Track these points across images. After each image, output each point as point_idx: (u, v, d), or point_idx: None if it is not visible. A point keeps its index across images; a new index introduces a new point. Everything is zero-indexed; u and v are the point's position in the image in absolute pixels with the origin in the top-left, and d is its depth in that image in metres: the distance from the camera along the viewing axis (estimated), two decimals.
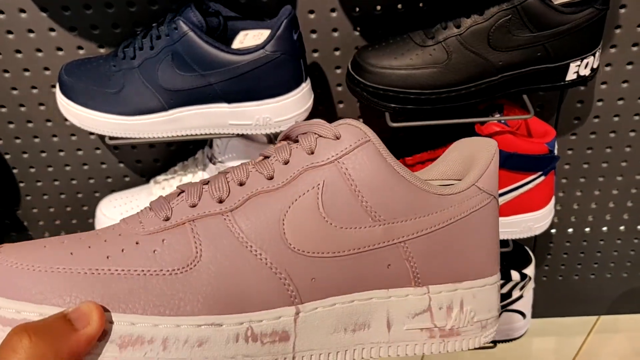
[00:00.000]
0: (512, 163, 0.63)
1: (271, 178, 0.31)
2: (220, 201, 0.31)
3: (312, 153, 0.32)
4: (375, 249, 0.31)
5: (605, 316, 1.07)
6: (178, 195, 0.32)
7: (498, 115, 0.64)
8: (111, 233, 0.30)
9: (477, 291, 0.34)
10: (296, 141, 0.33)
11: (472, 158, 0.36)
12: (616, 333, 1.14)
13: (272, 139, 0.67)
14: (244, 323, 0.29)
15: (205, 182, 0.32)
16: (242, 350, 0.29)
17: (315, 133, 0.32)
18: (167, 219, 0.30)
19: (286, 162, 0.32)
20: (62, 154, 0.74)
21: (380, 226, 0.31)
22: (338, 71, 0.67)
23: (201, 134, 0.59)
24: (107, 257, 0.28)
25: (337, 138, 0.32)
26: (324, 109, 0.69)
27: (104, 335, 0.26)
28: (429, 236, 0.32)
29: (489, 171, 0.35)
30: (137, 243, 0.29)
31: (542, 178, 0.66)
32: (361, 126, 0.32)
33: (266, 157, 0.33)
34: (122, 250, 0.29)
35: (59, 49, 0.65)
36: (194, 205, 0.31)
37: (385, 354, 0.32)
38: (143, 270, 0.28)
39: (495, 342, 0.81)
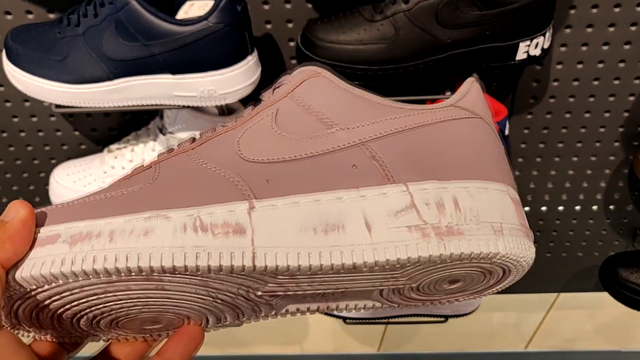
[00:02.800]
0: None
1: (232, 124, 0.33)
2: (192, 143, 0.33)
3: (269, 99, 0.34)
4: (335, 151, 0.31)
5: (565, 293, 1.09)
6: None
7: (449, 94, 0.64)
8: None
9: (475, 191, 0.30)
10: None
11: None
12: (576, 309, 1.17)
13: (223, 110, 0.66)
14: (193, 215, 0.28)
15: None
16: (191, 240, 0.27)
17: (274, 87, 0.34)
18: (142, 165, 0.32)
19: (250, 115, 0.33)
20: (15, 120, 0.73)
21: (337, 131, 0.31)
22: (291, 44, 0.66)
23: (147, 105, 0.59)
24: (87, 195, 0.31)
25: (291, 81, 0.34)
26: None
27: (57, 237, 0.27)
28: (396, 137, 0.31)
29: (469, 95, 0.34)
30: (113, 184, 0.32)
31: None
32: (315, 65, 0.33)
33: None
34: (99, 191, 0.31)
35: (7, 12, 0.64)
36: (170, 151, 0.33)
37: (371, 258, 0.28)
38: (105, 195, 0.30)
39: (446, 317, 0.82)
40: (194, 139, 0.33)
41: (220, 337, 1.27)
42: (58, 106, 0.60)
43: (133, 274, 0.27)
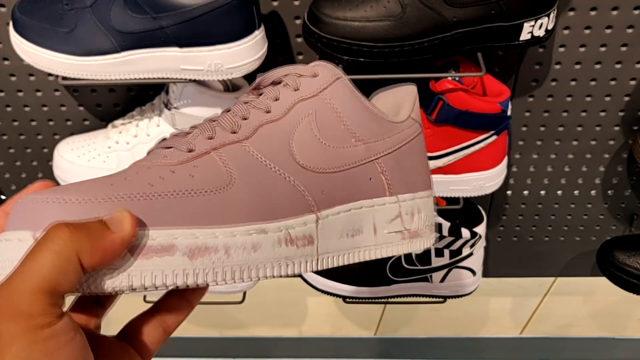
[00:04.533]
0: (464, 121, 0.64)
1: (269, 112, 0.36)
2: (234, 132, 0.35)
3: (297, 89, 0.37)
4: (359, 165, 0.38)
5: (562, 278, 1.10)
6: (188, 133, 0.35)
7: (453, 72, 0.64)
8: (139, 168, 0.32)
9: (426, 199, 0.41)
10: (276, 83, 0.38)
11: (399, 100, 0.43)
12: (572, 295, 1.18)
13: (228, 86, 0.67)
14: (282, 230, 0.33)
15: (212, 120, 0.36)
16: (284, 253, 0.33)
17: (296, 74, 0.38)
18: (191, 151, 0.33)
19: (277, 99, 0.37)
20: (20, 94, 0.73)
21: (361, 145, 0.38)
22: (297, 21, 0.66)
23: (154, 78, 0.59)
24: (150, 184, 0.30)
25: (315, 76, 0.38)
26: (282, 59, 0.69)
27: (173, 249, 0.29)
28: (393, 154, 0.39)
29: (416, 106, 0.43)
30: (172, 172, 0.32)
31: (494, 137, 0.67)
32: (332, 66, 0.38)
33: (247, 102, 0.37)
34: (161, 178, 0.31)
35: None
36: (211, 138, 0.34)
37: (374, 255, 0.38)
38: (187, 191, 0.31)
39: (445, 298, 0.83)
40: (233, 124, 0.36)
41: (219, 320, 1.28)
42: (65, 78, 0.60)
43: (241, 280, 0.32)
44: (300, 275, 0.84)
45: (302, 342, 1.33)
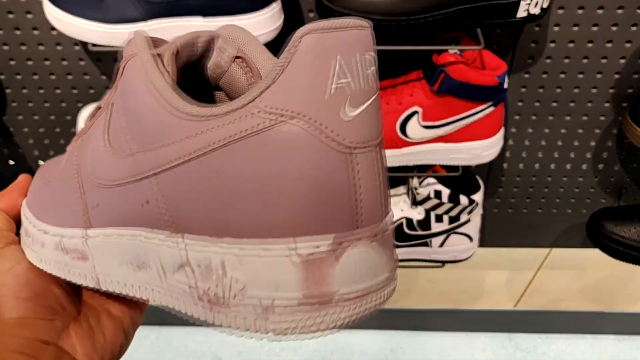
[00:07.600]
0: (464, 92, 0.69)
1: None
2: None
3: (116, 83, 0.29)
4: (133, 182, 0.26)
5: (555, 252, 1.15)
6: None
7: (453, 45, 0.69)
8: None
9: (243, 256, 0.23)
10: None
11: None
12: (564, 270, 1.23)
13: None
14: (56, 236, 0.32)
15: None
16: (61, 258, 0.32)
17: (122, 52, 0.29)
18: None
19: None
20: (47, 62, 0.78)
21: (138, 153, 0.26)
22: None
23: None
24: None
25: (121, 59, 0.28)
26: None
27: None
28: (182, 168, 0.24)
29: (280, 82, 0.22)
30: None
31: (492, 109, 0.72)
32: (137, 35, 0.28)
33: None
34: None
35: None
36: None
37: (166, 302, 0.27)
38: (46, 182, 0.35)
39: (443, 263, 0.88)
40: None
41: None
42: (94, 45, 0.65)
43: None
44: None
45: None
